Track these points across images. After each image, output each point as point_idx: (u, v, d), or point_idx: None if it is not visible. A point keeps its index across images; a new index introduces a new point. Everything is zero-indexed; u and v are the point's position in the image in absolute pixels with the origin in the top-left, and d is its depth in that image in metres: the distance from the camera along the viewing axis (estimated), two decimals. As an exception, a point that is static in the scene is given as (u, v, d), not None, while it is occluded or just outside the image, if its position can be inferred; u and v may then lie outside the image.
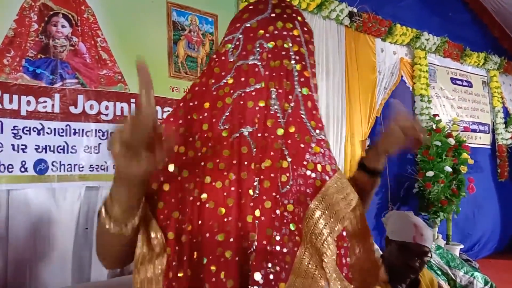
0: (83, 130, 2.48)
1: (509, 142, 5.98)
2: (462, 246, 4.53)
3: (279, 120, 0.81)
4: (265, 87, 0.81)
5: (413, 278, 1.78)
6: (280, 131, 0.80)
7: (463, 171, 4.48)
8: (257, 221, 0.76)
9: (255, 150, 0.79)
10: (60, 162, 2.39)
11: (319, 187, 0.78)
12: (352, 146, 4.16)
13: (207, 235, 0.75)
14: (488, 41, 5.90)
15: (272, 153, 0.79)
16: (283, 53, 0.84)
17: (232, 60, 0.86)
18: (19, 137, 2.28)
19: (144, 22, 2.81)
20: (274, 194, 0.77)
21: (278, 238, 0.75)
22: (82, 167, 2.46)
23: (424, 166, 4.45)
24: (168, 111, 2.79)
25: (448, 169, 4.31)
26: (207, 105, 0.84)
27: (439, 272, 3.53)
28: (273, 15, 0.86)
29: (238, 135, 0.80)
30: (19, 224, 2.29)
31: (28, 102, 2.32)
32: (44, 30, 2.42)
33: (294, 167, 0.79)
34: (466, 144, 4.70)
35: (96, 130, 2.52)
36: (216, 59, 0.89)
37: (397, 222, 1.82)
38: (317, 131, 0.83)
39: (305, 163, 0.79)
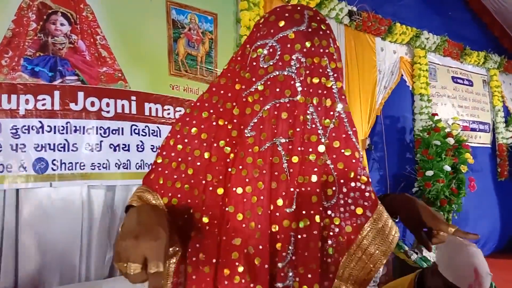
0: (84, 127, 2.46)
1: (510, 141, 5.97)
2: (462, 245, 4.51)
3: (320, 137, 0.81)
4: (302, 101, 0.81)
5: None
6: (322, 148, 0.81)
7: (463, 170, 4.47)
8: (292, 233, 0.78)
9: (286, 162, 0.80)
10: (61, 160, 2.38)
11: (375, 200, 0.82)
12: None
13: (224, 238, 0.79)
14: (488, 40, 5.90)
15: (315, 169, 0.80)
16: (320, 70, 0.84)
17: (264, 66, 0.84)
18: (17, 136, 2.27)
19: (143, 20, 2.82)
20: (314, 208, 0.79)
21: (321, 248, 0.79)
22: (84, 165, 2.44)
23: (423, 165, 4.44)
24: (168, 109, 2.79)
25: (448, 168, 4.30)
26: (236, 111, 0.85)
27: (439, 271, 3.52)
28: (310, 29, 0.85)
29: (270, 144, 0.80)
30: (20, 224, 2.28)
31: (27, 101, 2.31)
32: (42, 28, 2.42)
33: (342, 181, 0.81)
34: (467, 143, 4.69)
35: (97, 127, 2.50)
36: (244, 63, 0.88)
37: (457, 257, 1.52)
38: (360, 145, 0.86)
39: (358, 177, 0.82)
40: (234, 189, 0.79)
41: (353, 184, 0.81)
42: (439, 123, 4.60)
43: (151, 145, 2.67)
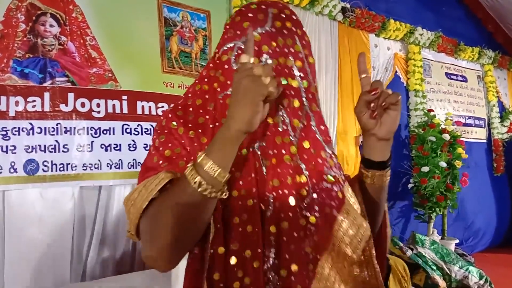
0: (74, 128, 2.44)
1: (505, 136, 5.99)
2: (457, 241, 4.54)
3: (291, 138, 0.81)
4: (273, 104, 0.80)
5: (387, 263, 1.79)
6: (293, 149, 0.80)
7: (457, 166, 4.48)
8: (272, 237, 0.77)
9: (264, 165, 0.80)
10: (52, 161, 2.36)
11: (342, 199, 0.81)
12: (344, 142, 4.15)
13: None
14: (483, 35, 5.89)
15: (290, 171, 0.79)
16: (286, 71, 0.83)
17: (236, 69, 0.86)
18: (7, 138, 2.26)
19: (134, 19, 2.80)
20: (291, 209, 0.78)
21: (303, 250, 0.78)
22: (75, 166, 2.44)
23: (419, 161, 4.45)
24: (162, 106, 2.78)
25: (443, 164, 4.30)
26: (211, 106, 0.84)
27: (434, 267, 3.54)
28: (273, 29, 0.84)
29: (251, 150, 0.80)
30: (11, 226, 2.27)
31: (17, 103, 2.30)
32: (32, 30, 2.41)
33: (314, 181, 0.80)
34: (461, 139, 4.70)
35: (88, 127, 2.49)
36: (215, 68, 0.88)
37: None
38: (328, 145, 0.85)
39: (325, 177, 0.81)
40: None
41: (322, 184, 0.81)
42: (434, 119, 4.60)
43: (144, 144, 2.66)
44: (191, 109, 0.85)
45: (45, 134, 2.36)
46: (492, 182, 5.79)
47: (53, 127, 2.38)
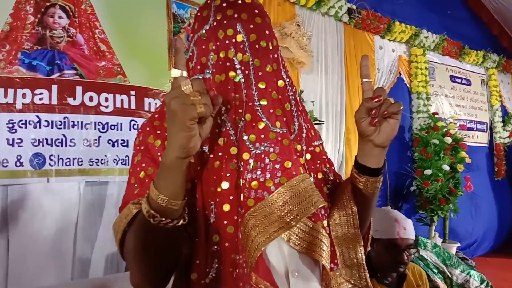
0: (82, 122, 2.41)
1: (507, 140, 5.99)
2: (458, 245, 4.53)
3: (231, 138, 0.78)
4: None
5: (402, 271, 1.80)
6: (234, 150, 0.78)
7: (459, 169, 4.48)
8: (216, 247, 0.77)
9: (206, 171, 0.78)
10: (58, 156, 2.33)
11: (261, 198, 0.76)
12: (351, 142, 4.14)
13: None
14: (487, 39, 5.90)
15: (228, 174, 0.77)
16: (228, 64, 0.81)
17: (189, 72, 0.84)
18: (14, 131, 2.22)
19: (143, 14, 2.78)
20: (235, 216, 0.76)
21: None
22: (81, 161, 2.41)
23: (421, 164, 4.44)
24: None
25: (446, 167, 4.30)
26: None
27: (435, 270, 3.52)
28: (215, 23, 0.82)
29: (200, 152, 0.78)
30: (16, 220, 2.25)
31: (24, 95, 2.26)
32: (40, 21, 2.38)
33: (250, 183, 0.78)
34: (463, 142, 4.70)
35: (95, 122, 2.45)
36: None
37: (378, 220, 1.77)
38: (278, 123, 0.80)
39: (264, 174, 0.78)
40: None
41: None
42: (438, 122, 4.60)
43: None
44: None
45: (52, 127, 2.32)
46: (493, 186, 5.80)
47: (60, 121, 2.35)
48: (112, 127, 2.51)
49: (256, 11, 0.84)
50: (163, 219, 0.65)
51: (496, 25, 5.90)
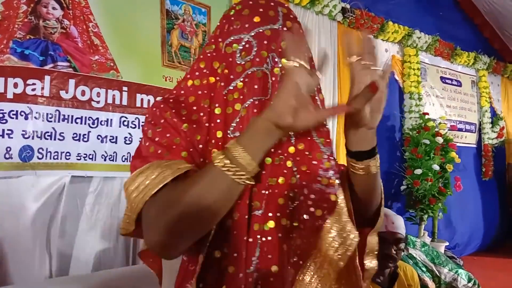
0: (72, 116, 2.38)
1: (495, 141, 6.06)
2: (447, 244, 4.58)
3: (290, 138, 0.80)
4: None
5: (393, 268, 1.81)
6: (292, 149, 0.79)
7: (449, 169, 4.52)
8: (258, 235, 0.76)
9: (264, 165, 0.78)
10: (47, 149, 2.30)
11: (334, 202, 0.79)
12: (341, 142, 4.16)
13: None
14: (479, 41, 5.96)
15: (284, 171, 0.78)
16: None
17: (242, 63, 0.82)
18: (4, 121, 2.18)
19: (137, 9, 2.75)
20: (280, 210, 0.77)
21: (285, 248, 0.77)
22: (69, 155, 2.38)
23: (412, 163, 4.48)
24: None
25: (436, 167, 4.34)
26: (218, 110, 0.81)
27: (424, 269, 3.56)
28: (285, 29, 0.83)
29: None
30: (1, 214, 2.21)
31: (16, 85, 2.21)
32: (33, 11, 2.34)
33: (304, 183, 0.79)
34: (453, 142, 4.75)
35: (86, 117, 2.43)
36: (217, 59, 0.85)
37: None
38: (327, 147, 0.83)
39: (319, 179, 0.79)
40: None
41: (314, 186, 0.79)
42: (429, 122, 4.63)
43: (141, 138, 2.61)
44: (183, 104, 0.83)
45: (43, 120, 2.29)
46: (480, 186, 5.87)
47: (51, 114, 2.32)
48: (102, 123, 2.49)
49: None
50: (242, 172, 0.67)
51: (488, 27, 5.96)
